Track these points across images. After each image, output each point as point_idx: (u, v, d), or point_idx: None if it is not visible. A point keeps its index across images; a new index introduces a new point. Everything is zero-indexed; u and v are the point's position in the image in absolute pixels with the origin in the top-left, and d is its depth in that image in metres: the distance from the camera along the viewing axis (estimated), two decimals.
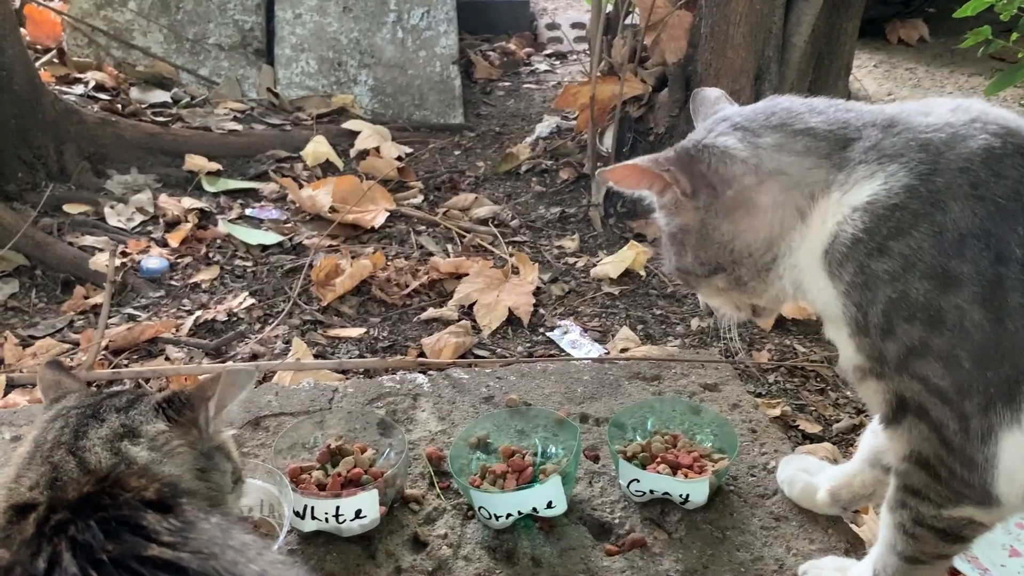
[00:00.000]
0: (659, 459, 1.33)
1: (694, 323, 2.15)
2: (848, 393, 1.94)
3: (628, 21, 2.96)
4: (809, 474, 1.33)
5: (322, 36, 3.41)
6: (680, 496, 1.27)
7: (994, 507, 0.96)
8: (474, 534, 1.27)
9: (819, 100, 1.02)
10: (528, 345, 2.06)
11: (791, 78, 2.68)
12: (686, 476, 1.29)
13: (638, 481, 1.28)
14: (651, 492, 1.29)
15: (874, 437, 1.23)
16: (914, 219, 0.89)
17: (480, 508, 1.25)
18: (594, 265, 2.40)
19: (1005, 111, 0.96)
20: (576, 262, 2.45)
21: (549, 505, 1.24)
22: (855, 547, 1.25)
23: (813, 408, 1.88)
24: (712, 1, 2.57)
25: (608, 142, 2.82)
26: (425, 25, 3.45)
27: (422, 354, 1.96)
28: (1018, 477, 0.92)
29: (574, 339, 2.06)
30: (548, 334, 2.10)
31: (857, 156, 0.95)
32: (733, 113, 1.05)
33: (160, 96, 3.11)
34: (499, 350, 2.03)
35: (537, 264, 2.35)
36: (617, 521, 1.30)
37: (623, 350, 2.01)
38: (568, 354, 2.00)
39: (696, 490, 1.27)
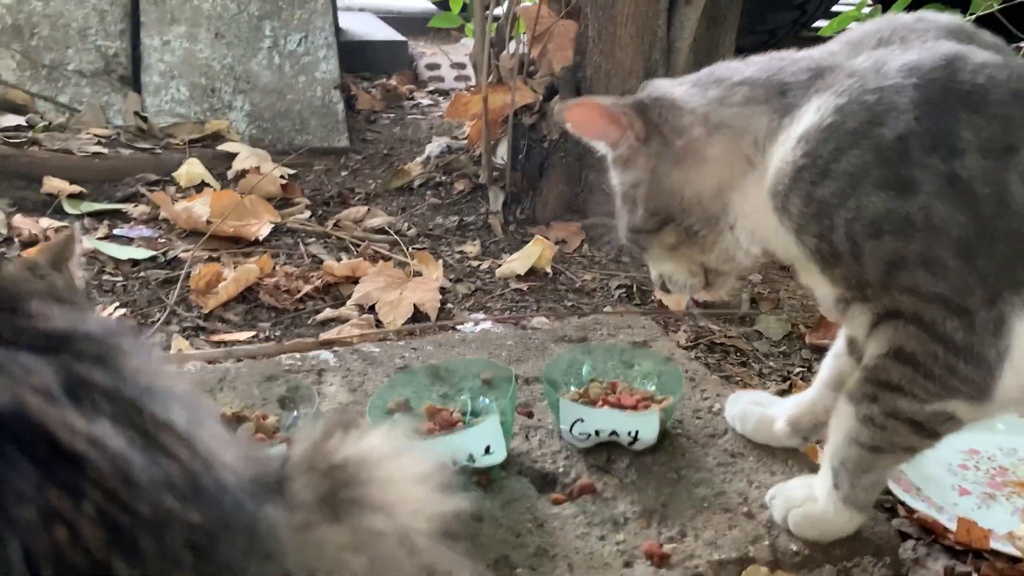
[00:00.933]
0: (601, 402, 1.21)
1: (607, 311, 2.06)
2: (771, 363, 1.89)
3: (513, 47, 2.92)
4: (762, 407, 1.24)
5: (193, 63, 3.23)
6: (629, 434, 1.15)
7: (984, 403, 0.92)
8: None
9: (756, 55, 1.05)
10: None
11: None
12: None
13: (582, 421, 1.15)
14: (596, 434, 1.16)
15: (835, 359, 1.17)
16: (851, 137, 0.89)
17: None
18: (499, 266, 2.29)
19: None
20: (480, 264, 2.33)
21: (487, 451, 1.09)
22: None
23: (739, 379, 1.81)
24: (597, 4, 2.58)
25: (502, 152, 2.76)
26: (303, 51, 3.33)
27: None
28: None
29: (487, 329, 1.93)
30: (459, 328, 1.96)
31: (796, 100, 0.96)
32: (681, 78, 1.09)
33: (13, 120, 2.84)
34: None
35: (441, 261, 2.22)
36: (562, 471, 1.16)
37: None
38: None
39: (646, 425, 1.15)
